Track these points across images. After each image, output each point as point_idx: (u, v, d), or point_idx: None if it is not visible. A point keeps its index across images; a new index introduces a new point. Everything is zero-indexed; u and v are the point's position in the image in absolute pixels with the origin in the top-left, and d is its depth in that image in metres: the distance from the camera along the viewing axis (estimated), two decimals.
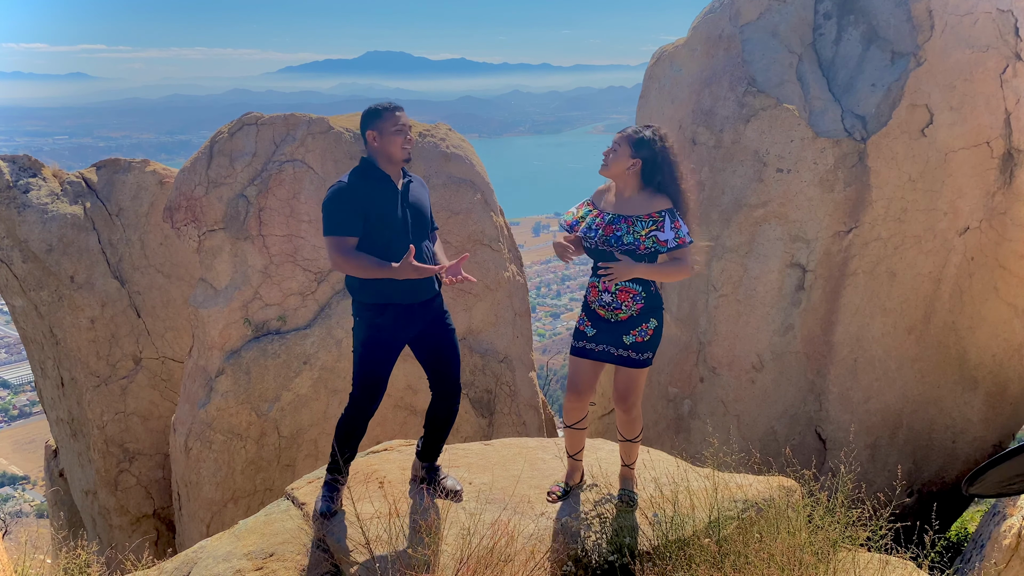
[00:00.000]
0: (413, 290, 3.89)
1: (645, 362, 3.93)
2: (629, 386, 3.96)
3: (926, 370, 7.70)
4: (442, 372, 4.07)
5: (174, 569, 4.04)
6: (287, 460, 7.21)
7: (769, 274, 7.48)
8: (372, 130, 3.82)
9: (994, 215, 7.47)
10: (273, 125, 7.41)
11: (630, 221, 3.85)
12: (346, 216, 3.71)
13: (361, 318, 3.89)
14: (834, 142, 7.20)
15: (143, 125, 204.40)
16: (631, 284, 3.88)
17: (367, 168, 3.87)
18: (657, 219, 3.82)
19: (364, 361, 3.89)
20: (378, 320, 3.85)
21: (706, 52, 8.05)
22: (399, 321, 3.89)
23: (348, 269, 3.74)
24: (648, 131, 3.88)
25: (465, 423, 7.52)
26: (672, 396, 8.24)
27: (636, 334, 3.90)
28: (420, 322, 3.97)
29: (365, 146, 3.89)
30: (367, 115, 3.86)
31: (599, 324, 3.96)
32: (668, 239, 3.80)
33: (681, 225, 3.84)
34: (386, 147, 3.83)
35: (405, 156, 3.87)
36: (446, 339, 4.06)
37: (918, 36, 7.30)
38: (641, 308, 3.88)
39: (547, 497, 4.14)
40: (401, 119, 3.86)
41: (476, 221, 7.61)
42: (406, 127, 3.86)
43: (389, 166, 3.88)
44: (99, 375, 8.51)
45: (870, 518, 3.90)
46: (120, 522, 8.70)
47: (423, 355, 4.08)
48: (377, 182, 3.83)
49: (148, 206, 8.93)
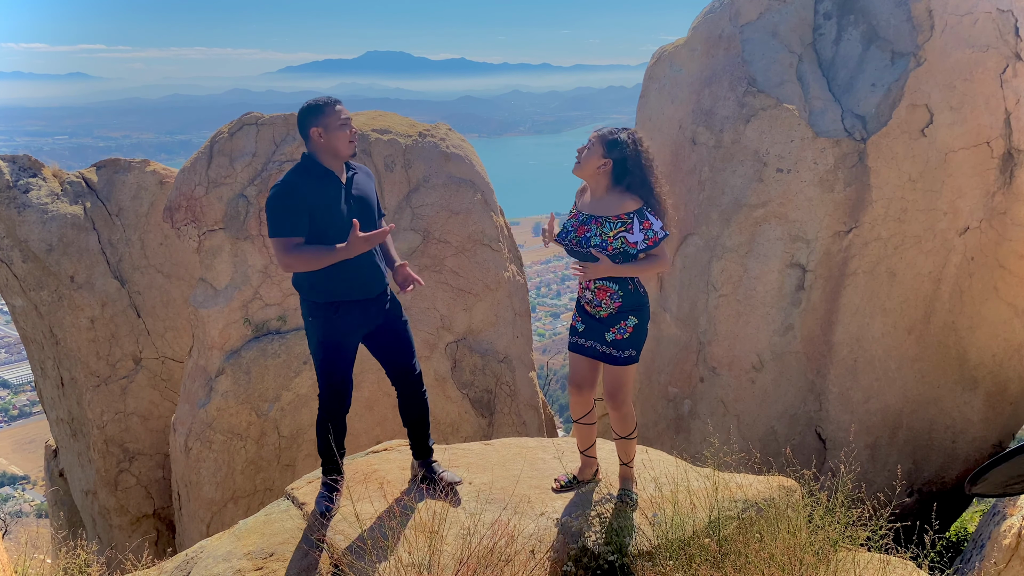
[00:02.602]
0: (365, 286, 3.86)
1: (627, 359, 3.95)
2: (615, 383, 3.99)
3: (926, 370, 7.70)
4: (399, 363, 4.07)
5: (174, 569, 4.04)
6: (287, 460, 7.21)
7: (769, 274, 7.48)
8: (317, 127, 3.71)
9: (994, 215, 7.47)
10: (273, 125, 7.41)
11: (599, 222, 3.86)
12: (290, 216, 3.64)
13: (315, 318, 3.84)
14: (834, 142, 7.20)
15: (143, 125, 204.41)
16: (608, 283, 3.90)
17: (309, 165, 3.77)
18: (626, 220, 3.82)
19: (324, 362, 3.88)
20: (334, 317, 3.82)
21: (706, 52, 8.05)
22: (354, 318, 3.87)
23: (298, 266, 3.67)
24: (623, 133, 3.88)
25: (465, 423, 7.52)
26: (672, 396, 8.24)
27: (616, 331, 3.93)
28: (374, 317, 3.96)
29: (307, 143, 3.79)
30: (309, 111, 3.75)
31: (587, 321, 4.03)
32: (637, 240, 3.81)
33: (652, 223, 3.82)
34: (332, 143, 3.73)
35: (351, 152, 3.80)
36: (401, 331, 4.06)
37: (918, 36, 7.30)
38: (619, 306, 3.91)
39: (552, 484, 4.22)
40: (343, 112, 3.77)
41: (476, 221, 7.60)
42: (349, 120, 3.78)
43: (333, 161, 3.79)
44: (99, 375, 8.52)
45: (870, 518, 3.90)
46: (120, 522, 8.70)
47: (378, 350, 4.07)
48: (320, 179, 3.75)
49: (148, 206, 8.93)
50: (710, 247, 7.71)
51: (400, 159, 7.54)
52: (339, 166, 3.82)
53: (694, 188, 7.87)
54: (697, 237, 7.81)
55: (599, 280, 3.90)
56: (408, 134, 7.70)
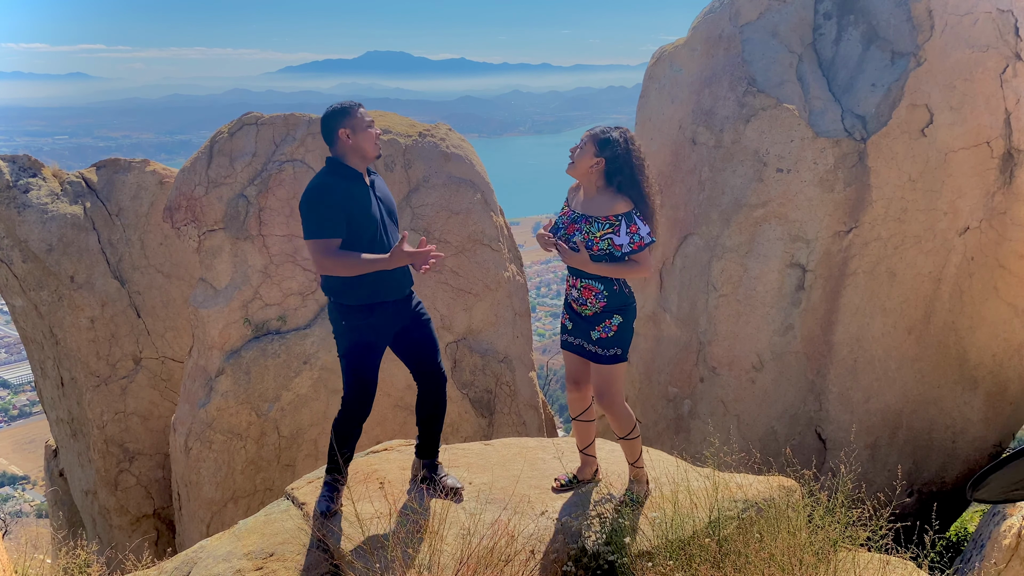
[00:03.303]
0: (398, 285, 3.89)
1: (613, 358, 3.95)
2: (602, 383, 4.00)
3: (926, 370, 7.70)
4: (424, 362, 4.09)
5: (174, 569, 4.04)
6: (287, 460, 7.21)
7: (769, 274, 7.48)
8: (345, 128, 3.77)
9: (994, 215, 7.47)
10: (273, 125, 7.41)
11: (588, 221, 3.87)
12: (329, 218, 3.65)
13: (347, 321, 3.84)
14: (834, 142, 7.20)
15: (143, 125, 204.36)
16: (593, 282, 3.91)
17: (337, 167, 3.81)
18: (614, 222, 3.82)
19: (355, 364, 3.88)
20: (369, 320, 3.83)
21: (706, 52, 8.05)
22: (387, 319, 3.89)
23: (338, 270, 3.68)
24: (615, 132, 3.89)
25: (465, 423, 7.52)
26: (672, 396, 8.24)
27: (600, 330, 3.94)
28: (404, 316, 3.99)
29: (333, 146, 3.83)
30: (336, 114, 3.81)
31: (575, 319, 4.05)
32: (623, 243, 3.82)
33: (639, 227, 3.82)
34: (360, 143, 3.79)
35: (377, 152, 3.86)
36: (425, 330, 4.08)
37: (918, 36, 7.30)
38: (604, 306, 3.92)
39: (552, 483, 4.22)
40: (367, 115, 3.86)
41: (476, 221, 7.61)
42: (373, 122, 3.86)
43: (360, 163, 3.84)
44: (99, 375, 8.52)
45: (870, 518, 3.90)
46: (120, 522, 8.70)
47: (404, 349, 4.09)
48: (350, 181, 3.79)
49: (148, 206, 8.94)
50: (710, 247, 7.71)
51: (400, 159, 7.54)
52: (364, 168, 3.87)
53: (694, 188, 7.87)
54: (697, 237, 7.82)
55: (585, 279, 3.92)
56: (408, 134, 7.70)
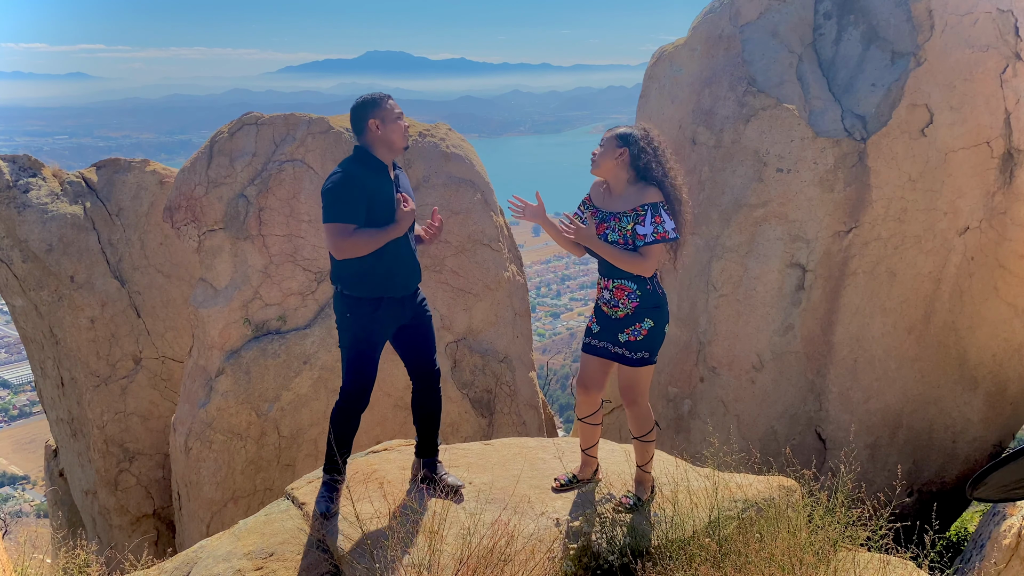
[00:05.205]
0: (406, 280, 3.92)
1: (640, 361, 3.95)
2: (628, 384, 4.02)
3: (926, 370, 7.70)
4: (423, 360, 4.10)
5: (174, 569, 4.04)
6: (287, 460, 7.21)
7: (769, 274, 7.48)
8: (374, 118, 3.81)
9: (994, 215, 7.47)
10: (273, 125, 7.41)
11: (618, 218, 3.86)
12: (350, 204, 3.67)
13: (353, 314, 3.86)
14: (834, 142, 7.20)
15: (143, 125, 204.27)
16: (626, 282, 3.89)
17: (364, 157, 3.84)
18: (640, 212, 3.81)
19: (357, 356, 3.90)
20: (375, 314, 3.85)
21: (706, 52, 8.05)
22: (392, 314, 3.91)
23: (352, 250, 3.68)
24: (636, 129, 3.91)
25: (465, 423, 7.52)
26: (672, 396, 8.24)
27: (630, 332, 3.94)
28: (408, 313, 4.00)
29: (361, 136, 3.85)
30: (366, 104, 3.85)
31: (603, 321, 4.03)
32: (646, 233, 3.80)
33: (664, 220, 3.80)
34: (389, 134, 3.84)
35: (405, 143, 3.91)
36: (427, 328, 4.10)
37: (918, 36, 7.30)
38: (636, 307, 3.90)
39: (552, 483, 4.23)
40: (396, 107, 3.90)
41: (476, 221, 7.60)
42: (403, 114, 3.91)
43: (388, 155, 3.88)
44: (99, 375, 8.51)
45: (870, 518, 3.91)
46: (120, 522, 8.70)
47: (403, 346, 4.10)
48: (375, 171, 3.82)
49: (148, 206, 8.93)
50: (710, 247, 7.71)
51: (400, 159, 7.54)
52: (390, 160, 3.91)
53: (694, 188, 7.87)
54: (697, 237, 7.82)
55: (617, 279, 3.90)
56: (408, 134, 7.69)
